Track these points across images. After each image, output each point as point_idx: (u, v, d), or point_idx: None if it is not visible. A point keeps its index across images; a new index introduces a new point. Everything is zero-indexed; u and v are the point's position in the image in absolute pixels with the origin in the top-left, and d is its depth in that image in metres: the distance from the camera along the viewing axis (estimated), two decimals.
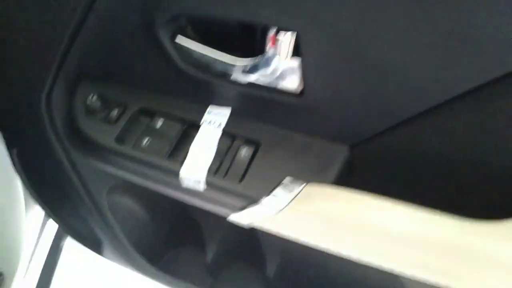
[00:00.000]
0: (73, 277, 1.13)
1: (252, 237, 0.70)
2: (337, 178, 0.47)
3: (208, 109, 0.51)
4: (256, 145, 0.49)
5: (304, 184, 0.45)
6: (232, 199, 0.47)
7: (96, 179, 0.61)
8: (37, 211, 0.99)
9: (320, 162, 0.47)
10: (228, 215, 0.49)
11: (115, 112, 0.52)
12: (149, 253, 0.74)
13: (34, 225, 0.99)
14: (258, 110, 0.49)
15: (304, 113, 0.46)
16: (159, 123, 0.52)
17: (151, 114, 0.53)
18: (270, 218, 0.46)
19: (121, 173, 0.54)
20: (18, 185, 0.91)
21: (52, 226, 1.07)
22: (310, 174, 0.46)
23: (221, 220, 0.72)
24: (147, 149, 0.50)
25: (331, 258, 0.65)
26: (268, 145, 0.49)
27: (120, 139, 0.51)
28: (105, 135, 0.51)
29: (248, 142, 0.49)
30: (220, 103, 0.51)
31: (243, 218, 0.48)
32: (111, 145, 0.51)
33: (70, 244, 1.14)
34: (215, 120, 0.50)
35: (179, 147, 0.51)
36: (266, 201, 0.45)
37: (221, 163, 0.49)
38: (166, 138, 0.51)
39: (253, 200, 0.46)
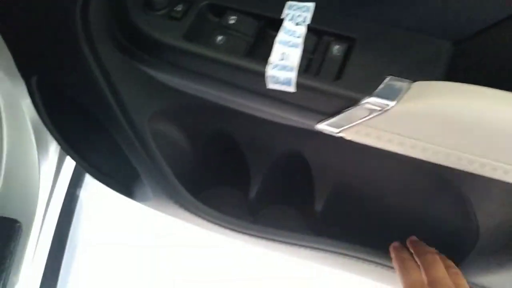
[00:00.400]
0: (90, 227, 1.08)
1: (300, 174, 0.65)
2: (442, 76, 0.41)
3: (289, 3, 0.44)
4: (349, 42, 0.43)
5: (411, 82, 0.39)
6: (326, 102, 0.41)
7: (138, 104, 0.54)
8: (50, 159, 0.92)
9: (424, 59, 0.41)
10: (316, 125, 0.44)
11: (179, 8, 0.44)
12: (190, 186, 0.68)
13: (48, 174, 0.92)
14: (350, 2, 0.42)
15: (406, 3, 0.40)
16: (232, 20, 0.44)
17: (221, 11, 0.45)
18: (368, 124, 0.41)
19: (188, 83, 0.46)
20: (29, 130, 0.83)
21: (67, 174, 1.00)
22: (414, 72, 0.41)
23: (269, 155, 0.67)
24: (222, 47, 0.43)
25: (387, 192, 0.61)
26: (364, 41, 0.42)
27: (188, 37, 0.44)
28: (171, 33, 0.43)
29: (340, 38, 0.43)
30: None
31: (337, 123, 0.42)
32: (179, 43, 0.43)
33: (86, 193, 1.08)
34: (298, 14, 0.43)
35: (258, 45, 0.44)
36: (367, 101, 0.40)
37: (310, 62, 0.42)
38: (242, 36, 0.44)
39: (351, 102, 0.40)
